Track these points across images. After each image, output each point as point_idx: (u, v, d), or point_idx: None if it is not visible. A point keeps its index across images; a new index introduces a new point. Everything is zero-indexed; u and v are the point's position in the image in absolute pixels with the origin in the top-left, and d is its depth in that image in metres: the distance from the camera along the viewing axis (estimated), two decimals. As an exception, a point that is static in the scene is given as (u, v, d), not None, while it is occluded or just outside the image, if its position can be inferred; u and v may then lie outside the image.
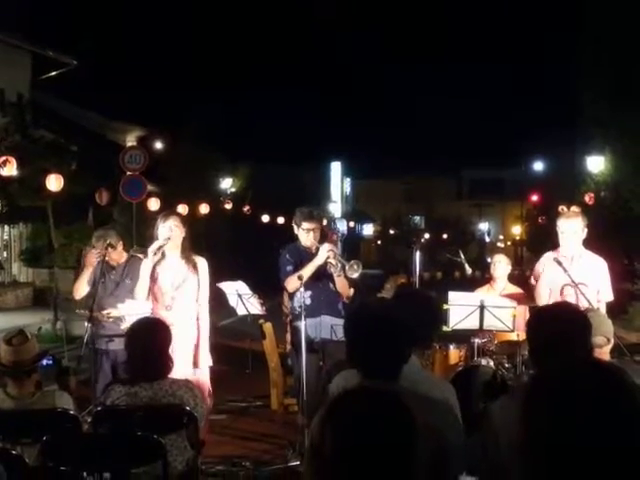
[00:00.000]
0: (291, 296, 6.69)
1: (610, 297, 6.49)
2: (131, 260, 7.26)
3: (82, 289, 7.13)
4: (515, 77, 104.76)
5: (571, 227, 6.47)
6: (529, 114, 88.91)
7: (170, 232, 6.13)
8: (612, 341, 4.33)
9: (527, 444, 1.72)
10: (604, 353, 4.16)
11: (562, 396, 1.70)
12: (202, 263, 6.30)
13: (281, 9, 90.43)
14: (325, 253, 6.34)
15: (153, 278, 6.16)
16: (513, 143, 63.58)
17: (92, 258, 6.99)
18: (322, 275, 6.46)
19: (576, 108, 22.88)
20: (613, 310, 6.88)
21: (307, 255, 6.53)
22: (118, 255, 7.20)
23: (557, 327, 3.23)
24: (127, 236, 7.74)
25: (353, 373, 3.28)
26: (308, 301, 6.39)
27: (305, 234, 6.58)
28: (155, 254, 6.08)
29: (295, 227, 6.71)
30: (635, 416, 1.66)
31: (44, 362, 4.72)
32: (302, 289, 6.29)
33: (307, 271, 6.36)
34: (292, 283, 6.50)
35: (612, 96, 19.52)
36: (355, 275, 6.37)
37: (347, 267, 6.29)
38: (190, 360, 6.10)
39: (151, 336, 4.38)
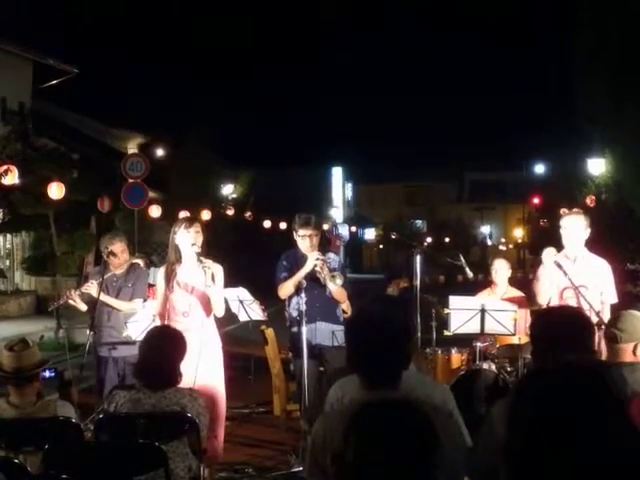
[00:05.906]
0: (289, 302, 6.69)
1: (614, 299, 6.46)
2: (132, 267, 7.36)
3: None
4: (516, 80, 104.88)
5: (573, 223, 6.46)
6: (530, 117, 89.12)
7: (195, 239, 6.13)
8: None
9: (509, 445, 1.74)
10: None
11: (541, 401, 1.72)
12: (218, 269, 6.21)
13: (284, 11, 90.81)
14: (313, 262, 6.32)
15: (171, 285, 6.14)
16: (514, 146, 63.43)
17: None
18: (317, 282, 6.44)
19: (575, 108, 22.72)
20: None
21: (304, 262, 6.50)
22: (121, 261, 7.27)
23: (559, 330, 3.24)
24: (129, 243, 7.78)
25: (350, 380, 3.27)
26: (303, 307, 6.36)
27: (302, 240, 6.56)
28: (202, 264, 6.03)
29: (294, 233, 6.70)
30: (612, 424, 1.68)
31: (46, 374, 4.70)
32: (302, 294, 6.28)
33: (295, 279, 6.36)
34: (283, 289, 6.52)
35: (609, 89, 19.36)
36: (334, 288, 6.37)
37: (328, 278, 6.28)
38: (206, 366, 6.03)
39: (166, 346, 4.38)
